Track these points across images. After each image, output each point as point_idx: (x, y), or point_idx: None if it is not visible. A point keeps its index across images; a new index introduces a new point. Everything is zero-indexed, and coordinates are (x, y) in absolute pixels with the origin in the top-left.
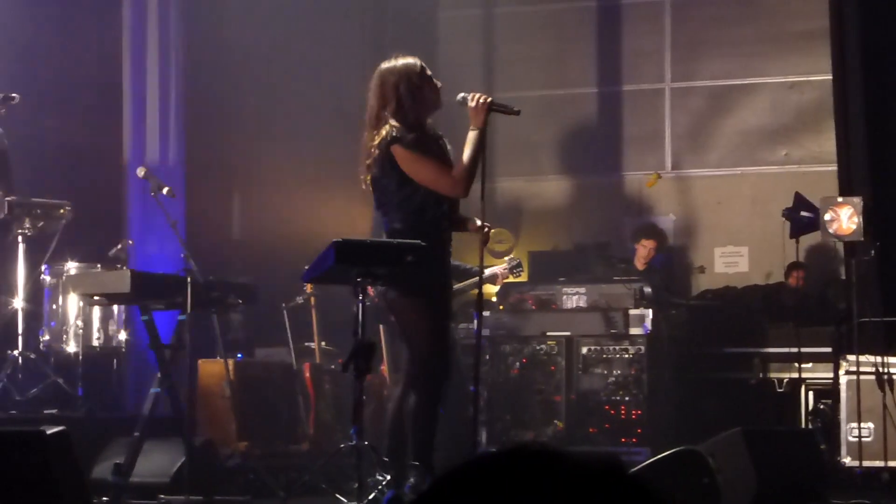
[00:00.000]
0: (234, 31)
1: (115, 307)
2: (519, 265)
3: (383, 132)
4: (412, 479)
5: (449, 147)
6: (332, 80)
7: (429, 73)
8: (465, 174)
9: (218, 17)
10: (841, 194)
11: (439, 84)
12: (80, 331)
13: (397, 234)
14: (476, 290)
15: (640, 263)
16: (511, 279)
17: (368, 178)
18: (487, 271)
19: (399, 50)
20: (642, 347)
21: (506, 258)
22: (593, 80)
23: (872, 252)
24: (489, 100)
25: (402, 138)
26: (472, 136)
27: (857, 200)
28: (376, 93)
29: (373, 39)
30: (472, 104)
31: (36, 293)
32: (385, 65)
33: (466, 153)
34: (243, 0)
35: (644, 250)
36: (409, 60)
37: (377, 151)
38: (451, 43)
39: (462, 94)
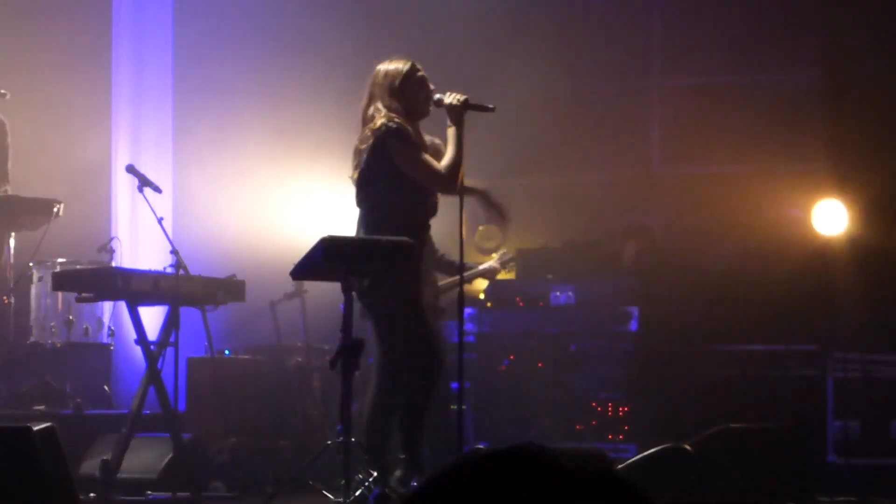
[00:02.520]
0: (223, 28)
1: (103, 303)
2: (511, 259)
3: (378, 123)
4: (399, 472)
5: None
6: (323, 76)
7: (421, 75)
8: (452, 169)
9: (206, 13)
10: (829, 192)
11: (432, 87)
12: (68, 327)
13: (378, 230)
14: (467, 286)
15: (627, 262)
16: (503, 274)
17: (356, 173)
18: (481, 266)
19: (388, 47)
20: (630, 345)
21: (496, 253)
22: (581, 77)
23: (859, 250)
24: (465, 98)
25: (396, 131)
26: (451, 132)
27: (845, 199)
28: (368, 92)
29: (363, 36)
30: (449, 102)
31: (24, 289)
32: (380, 66)
33: (449, 150)
34: None
35: (631, 250)
36: (401, 64)
37: (371, 141)
38: (442, 40)
39: (438, 95)
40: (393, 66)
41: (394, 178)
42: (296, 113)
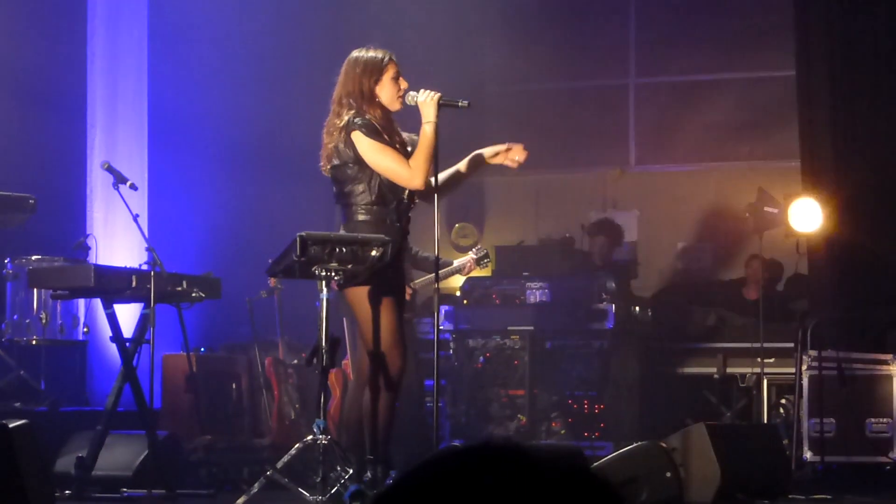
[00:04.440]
0: (199, 24)
1: (78, 300)
2: (486, 256)
3: (345, 118)
4: (369, 474)
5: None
6: (297, 71)
7: (394, 70)
8: (421, 165)
9: (182, 8)
10: (804, 190)
11: (404, 86)
12: (43, 324)
13: (355, 226)
14: (442, 282)
15: (596, 259)
16: (478, 271)
17: (328, 166)
18: (456, 262)
19: (365, 38)
20: (605, 342)
21: (473, 249)
22: (558, 75)
23: (835, 248)
24: (438, 95)
25: (362, 125)
26: (425, 129)
27: (821, 196)
28: (341, 80)
29: (343, 26)
30: (422, 100)
31: None
32: (355, 53)
33: (419, 147)
34: None
35: (596, 246)
36: (378, 54)
37: (338, 136)
38: (420, 37)
39: (412, 93)
40: (369, 55)
41: (364, 174)
42: (272, 108)
